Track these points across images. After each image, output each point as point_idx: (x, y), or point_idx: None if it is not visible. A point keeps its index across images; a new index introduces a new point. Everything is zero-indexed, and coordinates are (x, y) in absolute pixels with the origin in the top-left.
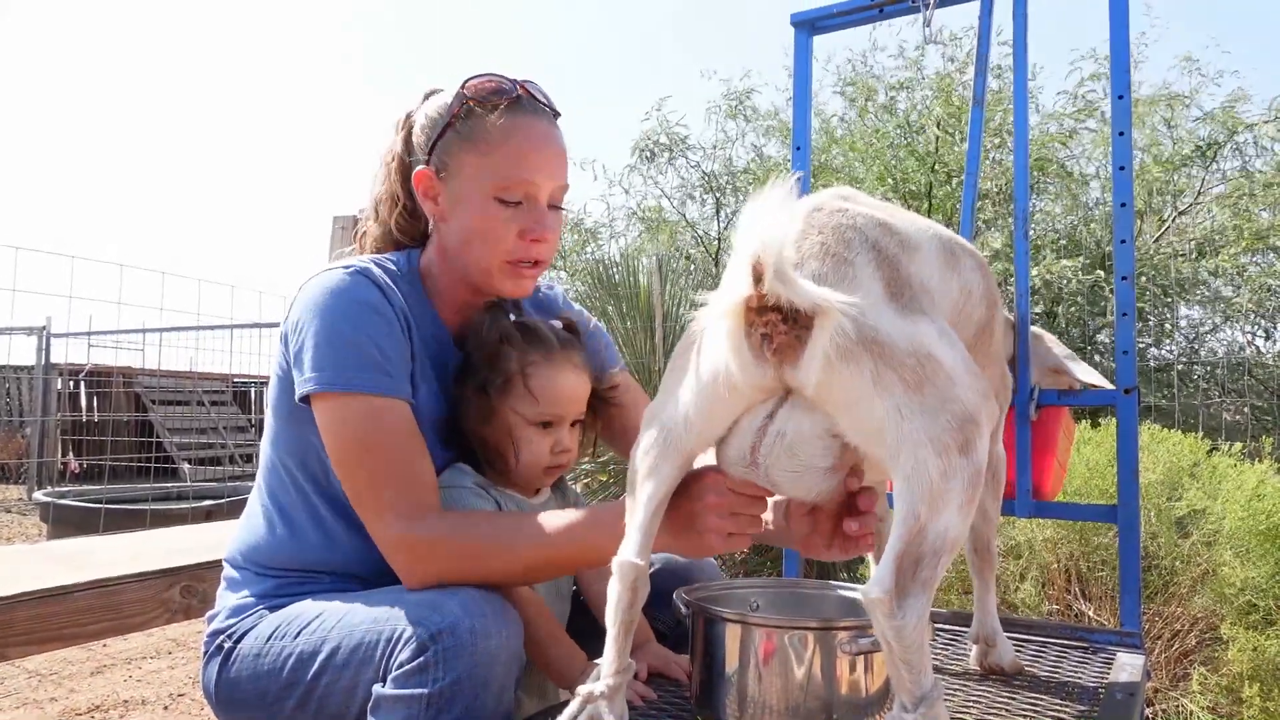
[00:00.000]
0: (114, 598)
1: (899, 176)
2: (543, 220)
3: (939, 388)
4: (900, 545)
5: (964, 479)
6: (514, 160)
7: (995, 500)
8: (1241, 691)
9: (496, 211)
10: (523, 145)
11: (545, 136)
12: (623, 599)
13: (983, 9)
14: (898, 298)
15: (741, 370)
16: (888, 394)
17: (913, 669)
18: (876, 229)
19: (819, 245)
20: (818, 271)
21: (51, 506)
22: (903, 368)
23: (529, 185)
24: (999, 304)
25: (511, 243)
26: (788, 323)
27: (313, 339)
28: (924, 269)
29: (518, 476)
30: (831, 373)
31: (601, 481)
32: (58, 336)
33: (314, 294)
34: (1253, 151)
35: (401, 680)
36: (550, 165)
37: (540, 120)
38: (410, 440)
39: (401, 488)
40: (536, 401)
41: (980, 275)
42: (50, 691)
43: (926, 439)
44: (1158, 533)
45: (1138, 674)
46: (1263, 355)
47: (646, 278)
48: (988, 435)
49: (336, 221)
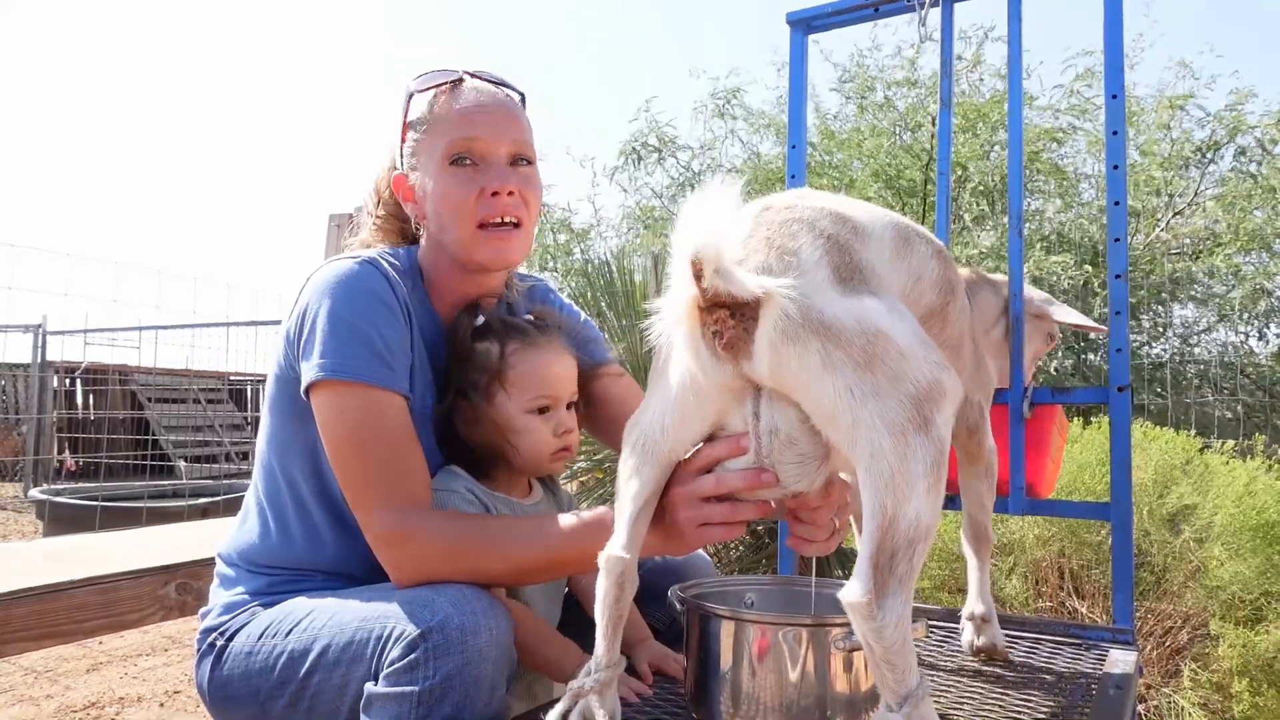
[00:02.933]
0: (110, 595)
1: (893, 173)
2: (502, 174)
3: (890, 364)
4: (873, 542)
5: (927, 459)
6: (457, 123)
7: (990, 490)
8: (1231, 687)
9: (452, 176)
10: (465, 108)
11: (489, 99)
12: (610, 593)
13: (944, 13)
14: (846, 280)
15: (703, 371)
16: (837, 374)
17: (895, 668)
18: (826, 218)
19: (764, 240)
20: (762, 264)
21: (47, 504)
22: (851, 346)
23: (475, 142)
24: (957, 293)
25: (474, 203)
26: (735, 317)
27: (321, 325)
28: (875, 254)
29: (523, 470)
30: (780, 358)
31: (597, 478)
32: (54, 334)
33: (323, 281)
34: (1256, 153)
35: (392, 678)
36: (497, 121)
37: (485, 88)
38: (405, 436)
39: (393, 483)
40: (527, 388)
41: (936, 262)
42: (46, 688)
43: (881, 423)
44: (1150, 530)
45: (1130, 669)
46: (1256, 355)
47: (642, 276)
48: (949, 409)
49: (332, 219)
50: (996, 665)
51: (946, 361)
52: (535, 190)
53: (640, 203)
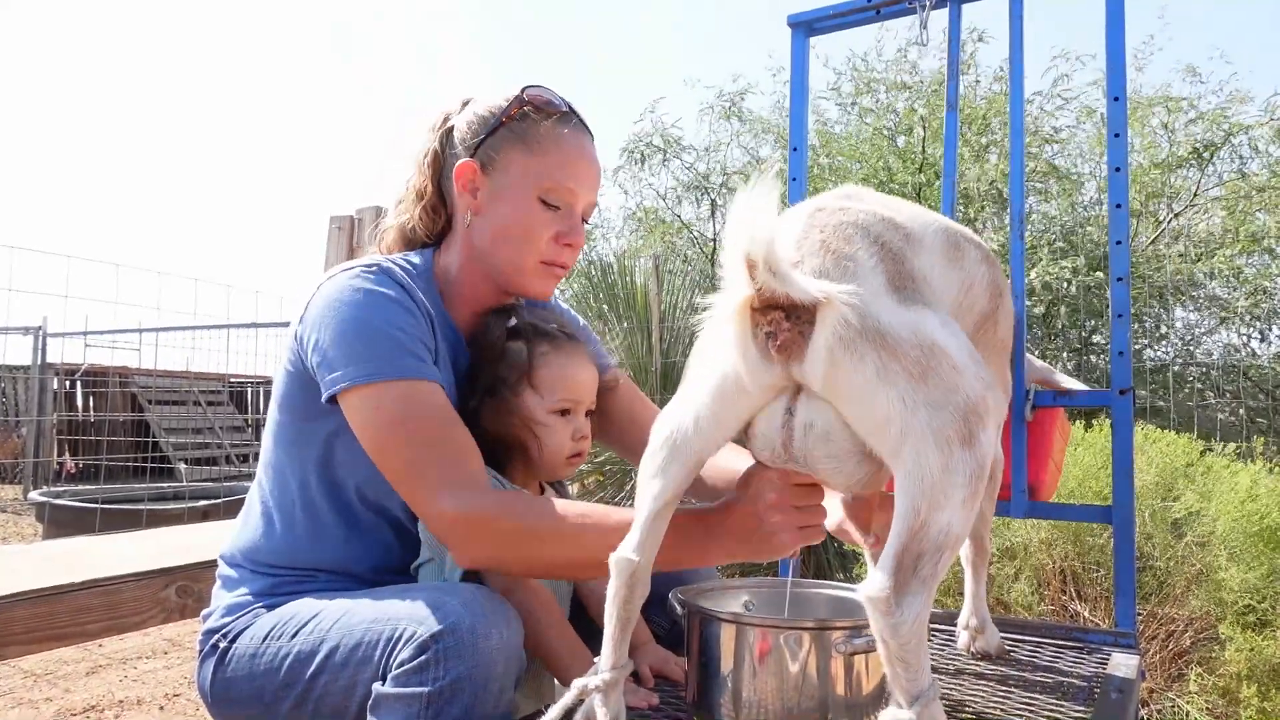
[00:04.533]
0: (110, 597)
1: (884, 177)
2: (578, 227)
3: (943, 378)
4: (900, 542)
5: (966, 473)
6: (562, 166)
7: (990, 500)
8: (1238, 692)
9: (538, 212)
10: (571, 154)
11: (589, 151)
12: (619, 594)
13: (951, 14)
14: (900, 289)
15: (749, 371)
16: (892, 385)
17: (909, 667)
18: (879, 224)
19: (819, 243)
20: (818, 267)
21: (47, 506)
22: (907, 358)
23: (571, 193)
24: (1005, 295)
25: (545, 244)
26: (791, 319)
27: (338, 335)
28: (927, 262)
29: (540, 469)
30: (836, 366)
31: (598, 481)
32: (54, 336)
33: (336, 289)
34: (1248, 154)
35: (401, 679)
36: (591, 178)
37: (585, 136)
38: (450, 418)
39: (447, 465)
40: (554, 389)
41: (985, 266)
42: (46, 691)
43: (929, 432)
44: (1152, 534)
45: (1132, 673)
46: (1258, 358)
47: (644, 278)
48: (993, 427)
49: (333, 221)
50: (998, 668)
51: (994, 380)
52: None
53: (642, 204)
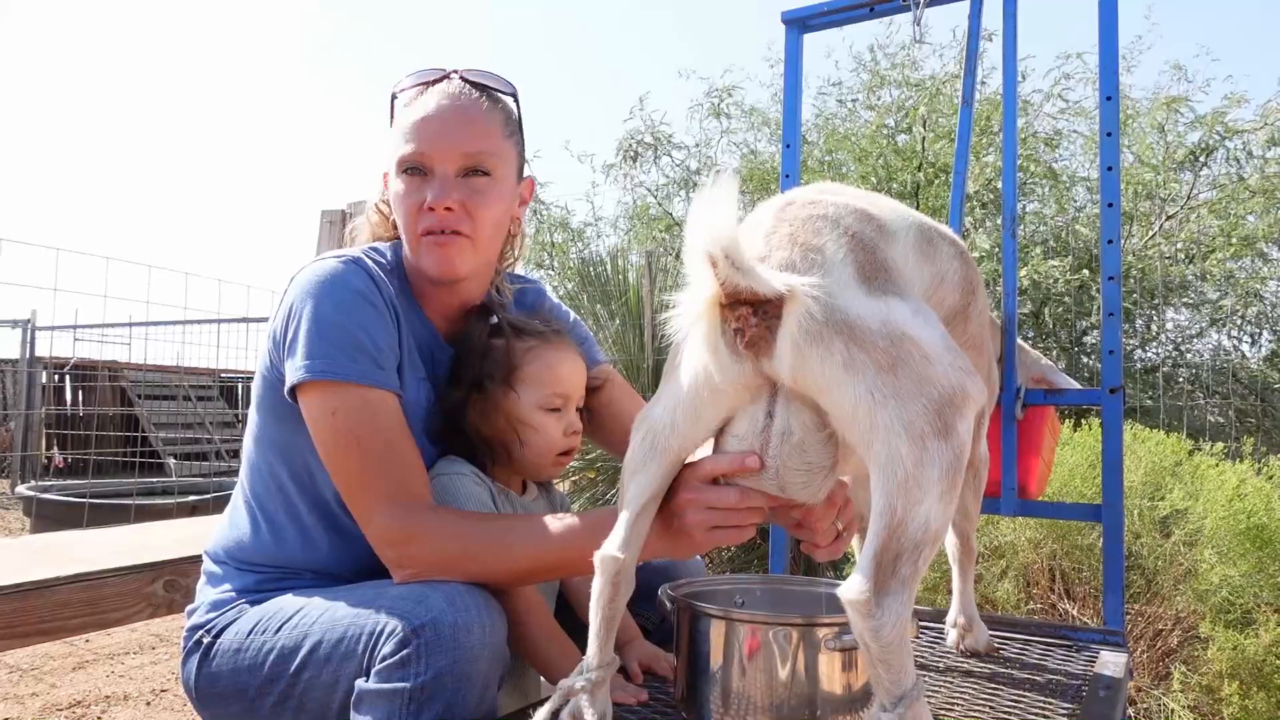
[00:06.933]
0: (96, 592)
1: (883, 175)
2: (442, 188)
3: (914, 368)
4: (878, 541)
5: (943, 465)
6: (408, 133)
7: (976, 498)
8: (1221, 690)
9: (403, 185)
10: (416, 118)
11: (449, 108)
12: (604, 593)
13: (972, 9)
14: (871, 280)
15: (720, 368)
16: (860, 376)
17: (891, 668)
18: (851, 216)
19: (787, 236)
20: (786, 260)
21: (35, 501)
22: (874, 349)
23: (420, 156)
24: (978, 293)
25: (417, 214)
26: (758, 315)
27: (306, 326)
28: (900, 253)
29: (523, 469)
30: (803, 358)
31: (589, 478)
32: (43, 329)
33: (307, 281)
34: (1242, 158)
35: (384, 674)
36: (448, 132)
37: (450, 93)
38: (401, 434)
39: (393, 481)
40: (540, 384)
41: (959, 263)
42: (31, 686)
43: (900, 426)
44: (1140, 532)
45: (1120, 671)
46: (1247, 360)
47: (635, 275)
48: (971, 417)
49: (324, 216)
50: (986, 666)
51: (972, 367)
52: (488, 201)
53: (637, 200)
